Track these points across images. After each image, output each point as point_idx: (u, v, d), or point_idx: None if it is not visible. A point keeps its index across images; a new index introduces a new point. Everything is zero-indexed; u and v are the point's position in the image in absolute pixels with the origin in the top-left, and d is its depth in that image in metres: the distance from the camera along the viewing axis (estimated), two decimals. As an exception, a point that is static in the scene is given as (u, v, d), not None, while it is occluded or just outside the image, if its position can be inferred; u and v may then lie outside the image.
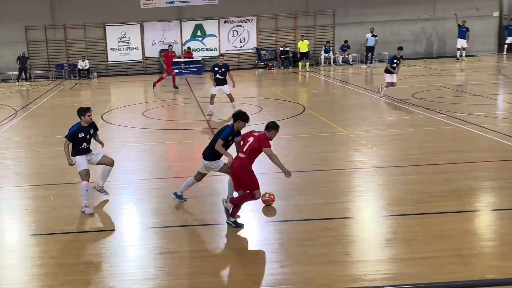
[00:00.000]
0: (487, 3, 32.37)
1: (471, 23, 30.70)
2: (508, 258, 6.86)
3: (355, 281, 6.41)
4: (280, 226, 8.19)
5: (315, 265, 6.82)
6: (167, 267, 7.04)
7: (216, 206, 8.99)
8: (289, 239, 7.65)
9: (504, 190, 9.44)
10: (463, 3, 31.91)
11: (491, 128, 13.68)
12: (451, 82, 22.88)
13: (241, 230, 8.08)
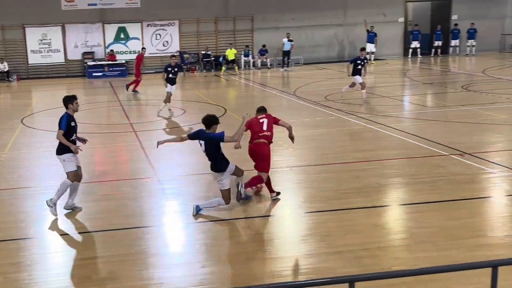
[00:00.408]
0: (393, 9, 33.40)
1: (379, 29, 31.63)
2: (413, 250, 7.15)
3: (273, 277, 6.51)
4: (202, 226, 8.18)
5: (235, 263, 6.87)
6: (89, 273, 6.85)
7: (138, 210, 8.89)
8: (210, 239, 7.66)
9: (409, 185, 9.84)
10: (372, 9, 32.79)
11: (397, 127, 14.19)
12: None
13: (164, 232, 8.04)
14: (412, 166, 10.94)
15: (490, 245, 7.22)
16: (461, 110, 16.37)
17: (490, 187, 9.79)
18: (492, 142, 12.77)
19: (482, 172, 10.32)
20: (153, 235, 7.94)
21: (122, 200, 9.27)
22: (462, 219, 8.10)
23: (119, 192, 9.29)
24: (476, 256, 6.83)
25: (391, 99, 18.85)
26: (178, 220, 8.55)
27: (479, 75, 24.23)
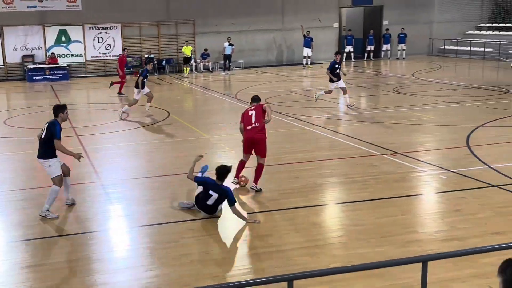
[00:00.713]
0: (328, 15, 33.93)
1: (314, 34, 32.07)
2: (349, 247, 7.27)
3: (216, 279, 6.50)
4: (146, 230, 8.07)
5: (179, 266, 6.81)
6: (30, 281, 6.59)
7: (82, 215, 8.70)
8: (155, 242, 7.57)
9: (344, 185, 10.02)
10: (308, 15, 33.19)
11: (333, 129, 14.44)
12: (299, 87, 23.79)
13: (108, 237, 7.90)
14: (347, 166, 11.14)
15: (421, 241, 7.43)
16: (393, 111, 16.80)
17: (420, 185, 10.10)
18: (422, 142, 13.16)
19: (413, 171, 10.63)
20: (97, 241, 7.76)
21: (65, 206, 9.03)
22: (394, 216, 8.29)
23: (62, 198, 9.06)
24: (407, 251, 7.02)
25: (328, 102, 19.13)
26: (123, 224, 8.42)
27: (409, 78, 24.94)
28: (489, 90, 20.29)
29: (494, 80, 24.04)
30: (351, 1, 34.21)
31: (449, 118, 15.29)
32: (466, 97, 18.83)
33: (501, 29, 34.42)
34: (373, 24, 35.35)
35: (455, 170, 10.33)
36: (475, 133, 13.32)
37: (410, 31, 33.90)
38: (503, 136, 13.03)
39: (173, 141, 13.88)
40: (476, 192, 9.20)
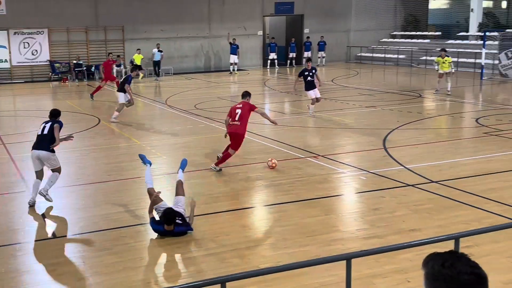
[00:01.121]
0: (253, 23, 34.17)
1: (240, 41, 32.21)
2: (277, 248, 7.31)
3: (149, 285, 6.38)
4: (78, 239, 7.80)
5: (112, 273, 6.61)
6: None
7: (10, 226, 8.31)
8: (87, 251, 7.32)
9: (271, 187, 10.07)
10: (233, 23, 33.30)
11: (260, 133, 14.53)
12: (226, 93, 23.79)
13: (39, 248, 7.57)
14: (274, 169, 11.23)
15: (344, 239, 7.58)
16: (315, 116, 17.09)
17: (342, 186, 10.33)
18: (342, 144, 13.48)
19: (334, 172, 10.85)
20: (26, 252, 7.41)
21: (-6, 215, 8.61)
22: (318, 216, 8.42)
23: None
24: (332, 250, 7.13)
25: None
26: (53, 234, 8.10)
27: (329, 84, 25.45)
28: (402, 95, 21.06)
29: (407, 85, 24.99)
30: (274, 10, 34.60)
31: (366, 122, 15.74)
32: (381, 102, 19.46)
33: (413, 37, 35.83)
34: (294, 32, 35.89)
35: (373, 171, 10.63)
36: (391, 136, 13.77)
37: (329, 39, 34.70)
38: (416, 138, 13.55)
39: (105, 147, 13.52)
40: (394, 191, 9.48)
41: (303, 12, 35.31)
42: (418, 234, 7.49)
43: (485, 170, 10.52)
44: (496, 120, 15.53)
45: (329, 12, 35.54)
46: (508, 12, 33.48)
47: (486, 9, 33.10)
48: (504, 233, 6.80)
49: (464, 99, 20.26)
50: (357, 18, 36.33)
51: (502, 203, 8.59)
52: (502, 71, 25.98)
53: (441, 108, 18.69)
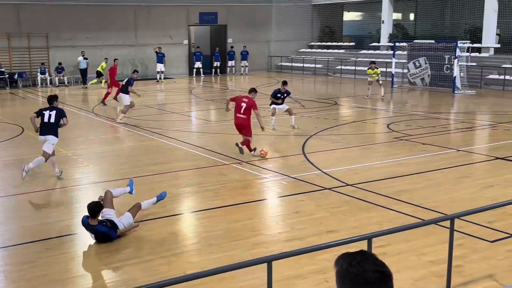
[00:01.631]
0: (178, 32, 33.91)
1: (166, 50, 31.89)
2: (203, 253, 7.27)
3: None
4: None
5: (35, 287, 6.35)
6: None
7: None
8: (9, 265, 6.93)
9: (198, 194, 10.03)
10: (159, 31, 32.92)
11: (186, 141, 14.43)
12: (153, 101, 23.45)
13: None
14: (200, 175, 11.17)
15: (266, 242, 7.64)
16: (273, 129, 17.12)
17: (264, 190, 10.42)
18: (264, 150, 13.58)
19: (257, 178, 10.94)
20: None
21: None
22: (242, 221, 8.45)
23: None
24: (255, 253, 7.16)
25: (180, 115, 19.12)
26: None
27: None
28: (320, 102, 21.57)
29: (324, 93, 25.64)
30: (198, 19, 34.50)
31: (286, 128, 15.98)
32: (300, 109, 19.80)
33: (329, 47, 36.81)
34: (219, 42, 35.98)
35: (294, 176, 10.81)
36: (309, 142, 14.06)
37: (251, 49, 35.03)
38: (333, 144, 13.91)
39: (29, 157, 12.90)
40: (312, 194, 9.68)
41: (226, 23, 35.44)
42: (336, 235, 7.67)
43: (396, 173, 10.95)
44: (405, 125, 16.23)
45: (251, 23, 35.88)
46: (415, 24, 35.09)
47: (395, 21, 34.56)
48: (414, 232, 7.10)
49: (376, 106, 21.01)
50: (277, 29, 36.90)
51: (412, 204, 8.97)
52: (410, 79, 27.19)
53: (356, 114, 19.30)
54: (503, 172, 10.91)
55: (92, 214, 7.49)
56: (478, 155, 12.67)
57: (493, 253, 7.01)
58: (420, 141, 13.87)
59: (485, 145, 13.48)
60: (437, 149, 12.98)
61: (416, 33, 33.83)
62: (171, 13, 33.16)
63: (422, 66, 26.51)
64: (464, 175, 10.90)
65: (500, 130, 15.39)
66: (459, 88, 24.17)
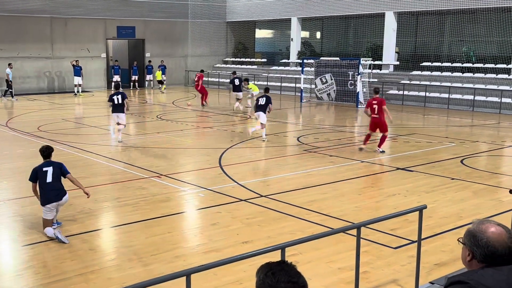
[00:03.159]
0: (96, 45, 32.92)
1: (84, 63, 30.82)
2: (122, 269, 7.01)
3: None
4: None
5: None
6: None
7: None
8: None
9: (116, 208, 9.69)
10: (77, 44, 31.78)
11: (105, 155, 13.97)
12: (71, 115, 22.55)
13: None
14: (118, 190, 10.84)
15: (185, 255, 7.52)
16: (157, 136, 16.90)
17: (183, 203, 10.29)
18: (183, 164, 13.45)
19: (176, 191, 10.78)
20: None
21: None
22: (162, 234, 8.26)
23: None
24: (174, 266, 7.01)
25: (98, 129, 18.49)
26: None
27: (169, 106, 25.41)
28: (236, 116, 21.68)
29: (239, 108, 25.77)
30: (116, 33, 33.67)
31: (203, 142, 15.93)
32: (217, 123, 19.86)
33: (242, 63, 37.21)
34: (137, 56, 35.30)
35: (211, 188, 10.76)
36: (226, 154, 14.08)
37: (169, 63, 34.67)
38: (247, 156, 14.01)
39: None
40: (229, 206, 9.66)
41: (144, 37, 34.86)
42: (251, 245, 7.70)
43: (306, 183, 11.19)
44: (314, 138, 16.68)
45: (168, 38, 35.54)
46: (322, 42, 36.30)
47: (304, 39, 35.57)
48: (323, 241, 7.25)
49: (287, 119, 21.46)
50: (194, 44, 36.82)
51: (321, 213, 9.20)
52: (318, 94, 28.04)
53: (269, 128, 19.58)
54: (404, 182, 11.47)
55: (47, 156, 8.42)
56: (380, 165, 13.26)
57: (396, 259, 7.32)
58: (327, 153, 14.30)
59: (386, 156, 14.12)
60: (343, 160, 13.44)
61: (323, 50, 35.00)
62: (89, 26, 32.12)
63: (328, 82, 27.43)
64: (368, 185, 11.36)
65: (400, 142, 16.20)
66: (362, 103, 25.23)
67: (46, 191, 8.20)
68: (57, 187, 8.26)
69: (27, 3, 29.75)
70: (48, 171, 8.25)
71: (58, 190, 8.26)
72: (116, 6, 32.88)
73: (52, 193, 8.19)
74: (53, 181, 8.23)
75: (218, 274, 6.64)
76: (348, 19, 32.97)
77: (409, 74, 27.79)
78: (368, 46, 30.99)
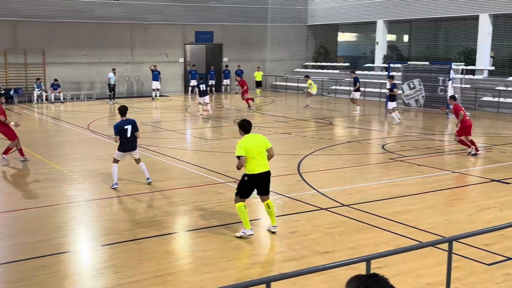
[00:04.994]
0: (174, 51, 34.05)
1: (162, 68, 31.98)
2: (199, 273, 7.20)
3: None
4: (-6, 269, 7.31)
5: (31, 305, 6.27)
6: None
7: None
8: (2, 283, 6.80)
9: (193, 212, 9.95)
10: (155, 49, 33.06)
11: (182, 159, 14.39)
12: (149, 119, 23.44)
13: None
14: (195, 194, 11.12)
15: (263, 262, 7.62)
16: (234, 141, 17.01)
17: (261, 209, 10.27)
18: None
19: (253, 197, 10.66)
20: None
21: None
22: (237, 240, 8.36)
23: None
24: (251, 273, 7.10)
25: (176, 133, 19.09)
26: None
27: (246, 111, 25.74)
28: (314, 122, 21.63)
29: (319, 113, 25.66)
30: (194, 38, 34.68)
31: (281, 148, 15.96)
32: (295, 128, 19.88)
33: (323, 67, 37.04)
34: (214, 61, 36.14)
35: (289, 195, 10.77)
36: (305, 161, 14.06)
37: (246, 68, 35.17)
38: (328, 163, 13.90)
39: (24, 173, 12.85)
40: (308, 214, 9.64)
41: (222, 42, 35.64)
42: (332, 256, 7.63)
43: (391, 194, 10.94)
44: (400, 146, 16.28)
45: (246, 42, 36.11)
46: (409, 46, 35.42)
47: (390, 42, 34.87)
48: (411, 254, 7.05)
49: (371, 126, 21.10)
50: (272, 48, 37.15)
51: (408, 225, 8.95)
52: (405, 100, 27.35)
53: (350, 135, 19.35)
54: (498, 195, 10.93)
55: (124, 114, 11.22)
56: (473, 177, 12.70)
57: (490, 276, 6.98)
58: (415, 162, 13.90)
59: (480, 167, 13.51)
60: (432, 170, 13.00)
61: (411, 54, 34.12)
62: (167, 31, 33.34)
63: (417, 87, 26.70)
64: (460, 197, 10.92)
65: (495, 152, 15.46)
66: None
67: (125, 144, 11.19)
68: (132, 140, 11.25)
69: (109, 11, 31.38)
70: (128, 129, 11.16)
71: (133, 142, 11.28)
72: (195, 11, 33.91)
73: (129, 145, 11.24)
74: (131, 136, 11.22)
75: (297, 284, 6.63)
76: (438, 21, 31.96)
77: (505, 80, 26.46)
78: (460, 51, 29.84)
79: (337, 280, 6.61)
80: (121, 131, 11.08)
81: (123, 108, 11.36)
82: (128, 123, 11.21)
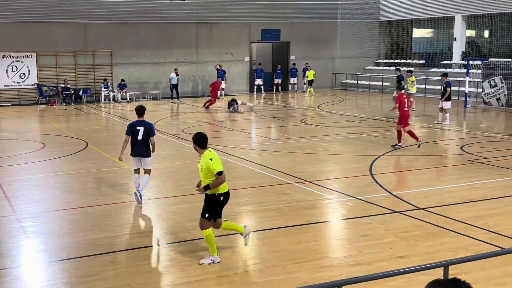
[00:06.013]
0: (240, 49, 34.39)
1: (228, 67, 32.38)
2: (265, 275, 7.24)
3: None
4: (64, 265, 7.63)
5: (101, 300, 6.53)
6: None
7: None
8: (74, 277, 7.16)
9: (259, 212, 10.02)
10: (220, 49, 33.53)
11: (247, 158, 14.51)
12: (213, 118, 23.83)
13: (24, 273, 7.42)
14: (261, 194, 11.19)
15: (332, 265, 7.53)
16: (301, 141, 17.15)
17: (329, 212, 10.31)
18: (329, 170, 13.49)
19: (322, 198, 10.83)
20: (12, 277, 7.25)
21: None
22: (306, 242, 8.38)
23: None
24: (320, 277, 7.08)
25: (241, 132, 19.27)
26: (40, 259, 7.92)
27: (314, 110, 25.64)
28: (387, 122, 21.22)
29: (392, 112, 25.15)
30: (261, 36, 34.89)
31: (352, 148, 15.81)
32: (367, 128, 19.59)
33: (397, 64, 36.25)
34: (280, 59, 36.20)
35: (360, 197, 10.64)
36: (377, 162, 13.83)
37: (315, 66, 34.98)
38: (401, 165, 13.62)
39: (92, 171, 13.39)
40: (381, 217, 9.48)
41: (289, 39, 35.66)
42: (406, 261, 7.47)
43: (470, 197, 10.57)
44: (480, 147, 15.69)
45: (315, 40, 35.94)
46: (490, 42, 34.08)
47: (469, 38, 33.70)
48: (491, 261, 6.80)
49: (447, 127, 20.45)
50: (342, 45, 36.78)
51: (488, 230, 8.62)
52: (485, 99, 26.36)
53: (426, 135, 18.83)
54: None
55: (141, 114, 10.36)
56: (563, 181, 12.05)
57: None
58: (497, 164, 13.36)
59: None
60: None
61: (491, 51, 32.83)
62: (233, 30, 33.75)
63: (498, 85, 25.66)
64: (548, 202, 10.38)
65: None
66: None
67: (135, 146, 10.35)
68: (142, 144, 10.31)
69: (176, 11, 32.16)
70: (140, 130, 10.30)
71: (143, 147, 10.33)
72: (261, 9, 34.13)
73: (138, 149, 10.31)
74: (142, 139, 10.29)
75: (368, 289, 6.52)
76: (523, 15, 30.57)
77: None
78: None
79: (412, 286, 6.46)
80: (133, 131, 10.30)
81: (140, 108, 10.49)
82: (142, 125, 10.33)
